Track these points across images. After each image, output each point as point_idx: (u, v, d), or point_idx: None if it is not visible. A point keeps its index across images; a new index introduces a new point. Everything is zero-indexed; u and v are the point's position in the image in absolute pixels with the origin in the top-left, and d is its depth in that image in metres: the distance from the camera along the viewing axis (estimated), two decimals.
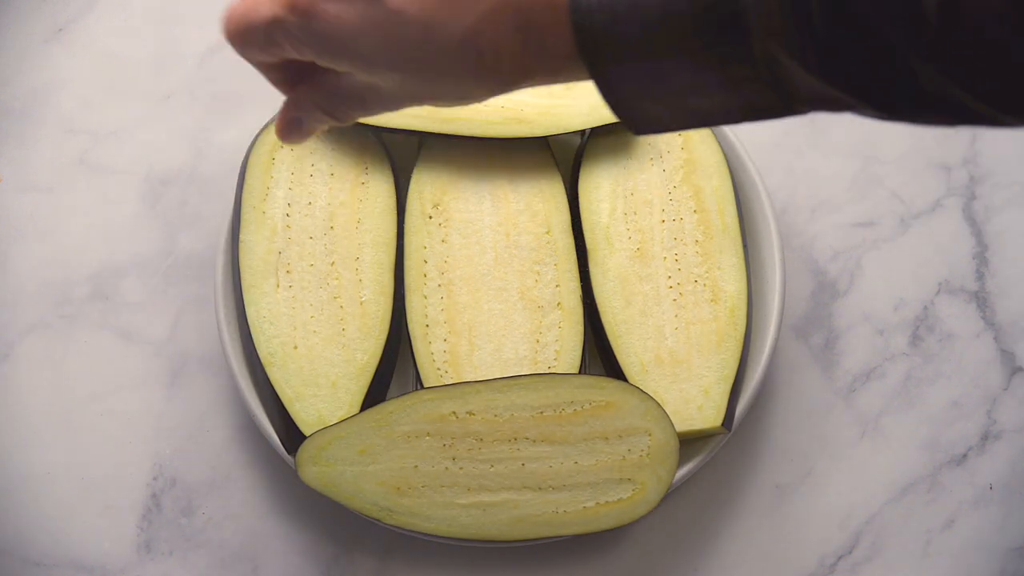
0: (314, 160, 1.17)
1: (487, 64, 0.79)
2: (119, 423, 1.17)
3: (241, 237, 1.13)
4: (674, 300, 1.12)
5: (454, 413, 1.05)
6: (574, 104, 1.16)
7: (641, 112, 0.78)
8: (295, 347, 1.10)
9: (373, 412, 1.05)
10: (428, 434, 1.05)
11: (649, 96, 0.76)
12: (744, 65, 0.73)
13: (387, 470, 1.04)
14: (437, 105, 0.85)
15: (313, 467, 1.04)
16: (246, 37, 0.84)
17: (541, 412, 1.05)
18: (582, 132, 1.20)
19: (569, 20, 0.76)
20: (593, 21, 0.75)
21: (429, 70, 0.80)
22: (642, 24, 0.73)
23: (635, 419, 1.05)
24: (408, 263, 1.14)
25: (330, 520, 1.14)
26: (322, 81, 0.87)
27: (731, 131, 1.19)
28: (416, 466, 1.04)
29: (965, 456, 1.16)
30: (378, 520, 1.05)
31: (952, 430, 1.17)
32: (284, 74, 0.88)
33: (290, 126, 0.89)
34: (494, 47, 0.78)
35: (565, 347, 1.11)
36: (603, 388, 1.05)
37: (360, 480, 1.04)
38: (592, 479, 1.04)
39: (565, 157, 1.21)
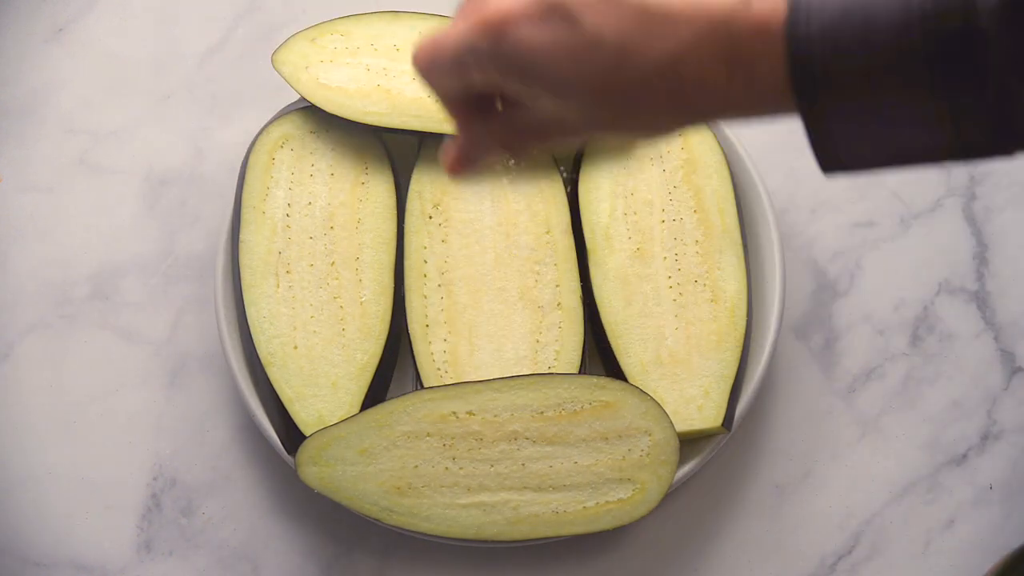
0: (314, 160, 1.17)
1: (687, 94, 0.74)
2: (119, 423, 1.18)
3: (241, 237, 1.14)
4: (674, 300, 1.13)
5: (454, 413, 1.06)
6: None
7: (844, 149, 0.73)
8: (295, 347, 1.11)
9: (373, 412, 1.06)
10: (428, 434, 1.06)
11: (858, 134, 0.72)
12: (972, 97, 0.69)
13: (387, 470, 1.05)
14: (621, 138, 0.81)
15: (313, 467, 1.05)
16: (435, 62, 0.80)
17: (541, 412, 1.06)
18: None
19: (784, 51, 0.71)
20: (812, 52, 0.70)
21: (622, 99, 0.75)
22: (868, 55, 0.69)
23: (635, 419, 1.06)
24: (408, 263, 1.15)
25: (330, 520, 1.14)
26: (501, 115, 0.83)
27: (731, 131, 1.19)
28: (416, 466, 1.05)
29: (965, 456, 1.16)
30: (378, 520, 1.05)
31: (952, 430, 1.17)
32: (464, 107, 0.84)
33: (462, 161, 0.85)
34: (697, 77, 0.73)
35: (565, 347, 1.12)
36: (603, 388, 1.06)
37: (360, 480, 1.05)
38: (592, 479, 1.05)
39: (565, 156, 1.21)
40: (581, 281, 1.15)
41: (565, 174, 1.19)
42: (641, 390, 1.07)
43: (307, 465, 1.06)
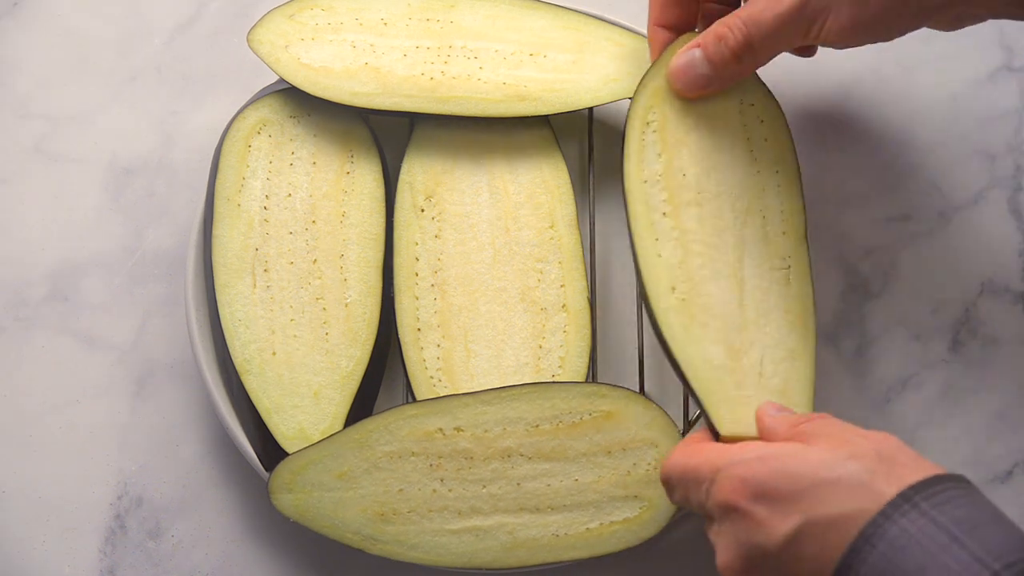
0: (294, 147, 1.17)
1: None
2: (80, 437, 1.18)
3: (214, 232, 1.14)
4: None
5: (440, 430, 1.06)
6: (582, 79, 1.16)
7: None
8: (273, 353, 1.11)
9: (351, 431, 1.06)
10: (413, 454, 1.05)
11: None
12: None
13: (369, 495, 1.05)
14: None
15: (287, 495, 1.06)
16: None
17: (536, 425, 1.06)
18: (590, 110, 1.20)
19: None
20: None
21: None
22: None
23: (639, 430, 1.06)
24: (398, 261, 1.14)
25: (311, 545, 1.14)
26: None
27: None
28: (401, 490, 1.05)
29: (1011, 473, 1.16)
30: (361, 550, 1.06)
31: (996, 445, 1.17)
32: None
33: None
34: None
35: (570, 353, 1.12)
36: (603, 397, 1.06)
37: (340, 507, 1.05)
38: (595, 497, 1.06)
39: (573, 138, 1.22)
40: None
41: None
42: (645, 398, 1.07)
43: (281, 492, 1.06)
